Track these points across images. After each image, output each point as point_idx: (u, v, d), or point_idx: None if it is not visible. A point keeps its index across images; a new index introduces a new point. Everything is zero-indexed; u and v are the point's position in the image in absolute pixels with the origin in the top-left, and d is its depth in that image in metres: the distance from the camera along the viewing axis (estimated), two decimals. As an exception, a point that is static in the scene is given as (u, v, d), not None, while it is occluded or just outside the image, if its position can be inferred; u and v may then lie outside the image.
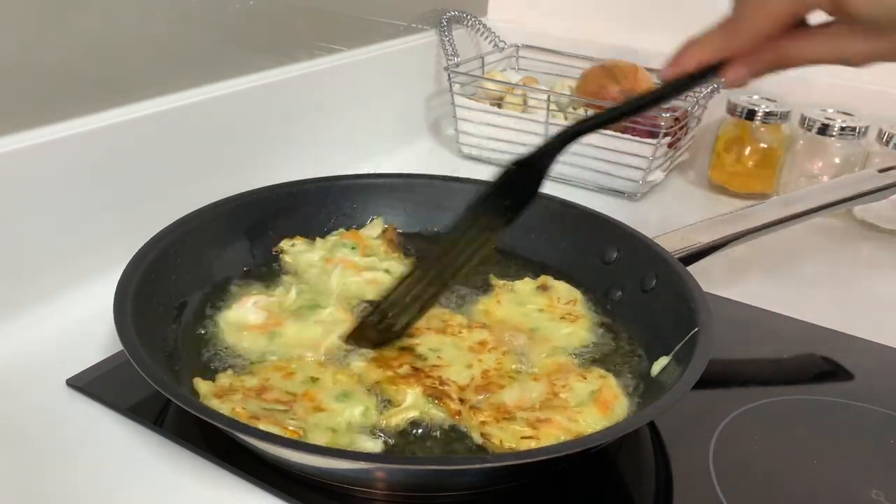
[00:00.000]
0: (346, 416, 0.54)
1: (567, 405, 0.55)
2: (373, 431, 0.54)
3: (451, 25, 1.11)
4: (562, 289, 0.70)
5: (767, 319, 0.74)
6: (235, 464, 0.52)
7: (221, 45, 0.80)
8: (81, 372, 0.59)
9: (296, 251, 0.73)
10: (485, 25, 1.15)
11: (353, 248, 0.73)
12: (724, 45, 0.51)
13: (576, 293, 0.70)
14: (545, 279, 0.71)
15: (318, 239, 0.75)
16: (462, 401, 0.56)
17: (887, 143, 0.93)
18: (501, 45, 1.15)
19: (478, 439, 0.54)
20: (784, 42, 0.50)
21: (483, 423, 0.54)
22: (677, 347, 0.59)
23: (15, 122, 0.63)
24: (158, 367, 0.52)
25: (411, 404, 0.55)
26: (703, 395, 0.61)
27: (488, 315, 0.67)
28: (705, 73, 0.52)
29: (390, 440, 0.54)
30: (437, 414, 0.55)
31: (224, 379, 0.57)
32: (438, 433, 0.55)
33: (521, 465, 0.49)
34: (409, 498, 0.52)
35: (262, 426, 0.50)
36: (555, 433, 0.52)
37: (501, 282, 0.72)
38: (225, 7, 0.79)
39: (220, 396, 0.54)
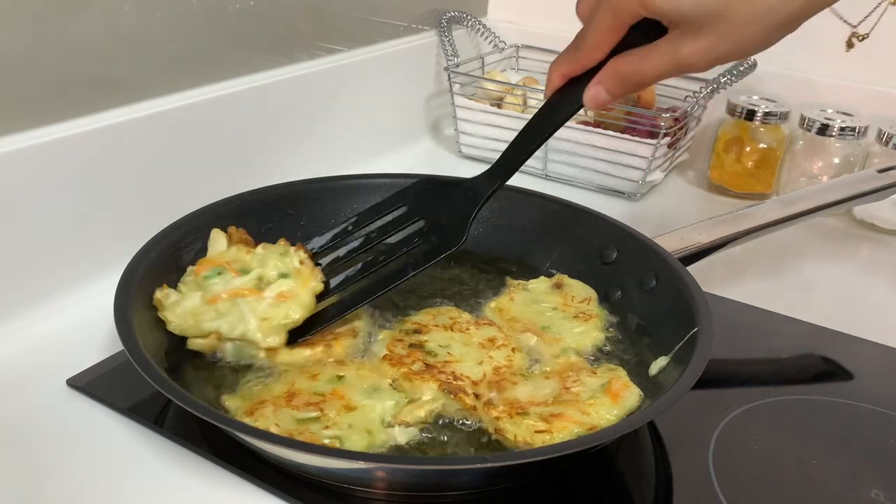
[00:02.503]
0: (378, 412, 0.54)
1: (579, 399, 0.56)
2: (402, 425, 0.54)
3: (451, 26, 1.11)
4: (577, 287, 0.70)
5: (767, 319, 0.74)
6: (235, 464, 0.52)
7: (222, 45, 0.80)
8: (81, 372, 0.59)
9: (171, 303, 0.60)
10: (485, 26, 1.15)
11: (219, 275, 0.61)
12: (574, 59, 0.57)
13: (591, 292, 0.70)
14: (560, 277, 0.71)
15: (178, 284, 0.62)
16: (476, 395, 0.56)
17: (887, 143, 0.93)
18: (501, 45, 1.15)
19: (493, 434, 0.54)
20: (628, 60, 0.55)
21: (497, 418, 0.54)
22: (677, 347, 0.59)
23: (15, 122, 0.63)
24: (159, 367, 0.52)
25: (431, 398, 0.56)
26: (702, 395, 0.61)
27: (501, 313, 0.67)
28: (572, 96, 0.58)
29: (420, 433, 0.54)
30: (454, 408, 0.56)
31: (247, 389, 0.56)
32: (461, 426, 0.55)
33: (521, 464, 0.49)
34: (409, 498, 0.52)
35: None
36: (568, 426, 0.53)
37: (516, 281, 0.72)
38: (225, 7, 0.79)
39: (250, 413, 0.53)
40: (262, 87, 0.84)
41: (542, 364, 0.61)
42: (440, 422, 0.55)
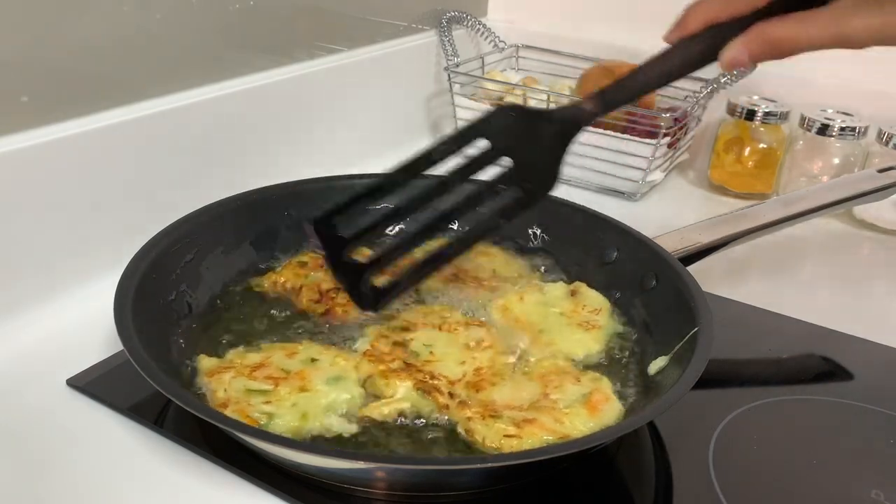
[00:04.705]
0: (329, 399, 0.55)
1: (556, 406, 0.55)
2: (351, 418, 0.54)
3: (451, 25, 1.11)
4: (591, 296, 0.69)
5: (767, 319, 0.74)
6: (235, 464, 0.52)
7: (221, 45, 0.80)
8: (81, 372, 0.59)
9: None
10: (485, 25, 1.15)
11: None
12: (726, 3, 0.50)
13: (604, 302, 0.68)
14: (578, 285, 0.70)
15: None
16: (451, 395, 0.56)
17: (887, 143, 0.93)
18: (501, 45, 1.15)
19: (462, 435, 0.54)
20: (784, 24, 0.48)
21: (468, 418, 0.54)
22: (677, 347, 0.59)
23: (15, 122, 0.63)
24: (158, 367, 0.52)
25: (402, 397, 0.56)
26: (702, 395, 0.61)
27: (506, 312, 0.67)
28: (704, 45, 0.50)
29: (366, 427, 0.54)
30: (424, 407, 0.56)
31: (230, 355, 0.59)
32: (421, 426, 0.55)
33: (521, 464, 0.49)
34: (409, 498, 0.52)
35: (228, 412, 0.52)
36: (538, 433, 0.52)
37: (535, 281, 0.71)
38: (225, 7, 0.79)
39: (211, 375, 0.56)
40: (262, 87, 0.84)
41: (528, 365, 0.61)
42: (407, 420, 0.55)
